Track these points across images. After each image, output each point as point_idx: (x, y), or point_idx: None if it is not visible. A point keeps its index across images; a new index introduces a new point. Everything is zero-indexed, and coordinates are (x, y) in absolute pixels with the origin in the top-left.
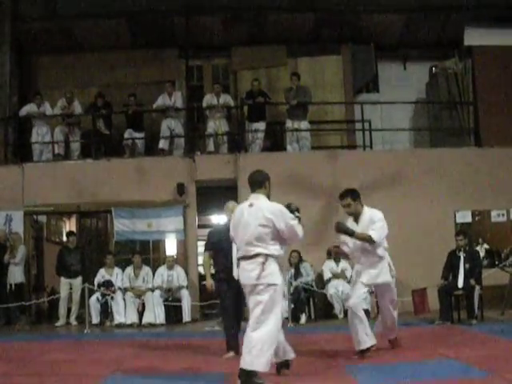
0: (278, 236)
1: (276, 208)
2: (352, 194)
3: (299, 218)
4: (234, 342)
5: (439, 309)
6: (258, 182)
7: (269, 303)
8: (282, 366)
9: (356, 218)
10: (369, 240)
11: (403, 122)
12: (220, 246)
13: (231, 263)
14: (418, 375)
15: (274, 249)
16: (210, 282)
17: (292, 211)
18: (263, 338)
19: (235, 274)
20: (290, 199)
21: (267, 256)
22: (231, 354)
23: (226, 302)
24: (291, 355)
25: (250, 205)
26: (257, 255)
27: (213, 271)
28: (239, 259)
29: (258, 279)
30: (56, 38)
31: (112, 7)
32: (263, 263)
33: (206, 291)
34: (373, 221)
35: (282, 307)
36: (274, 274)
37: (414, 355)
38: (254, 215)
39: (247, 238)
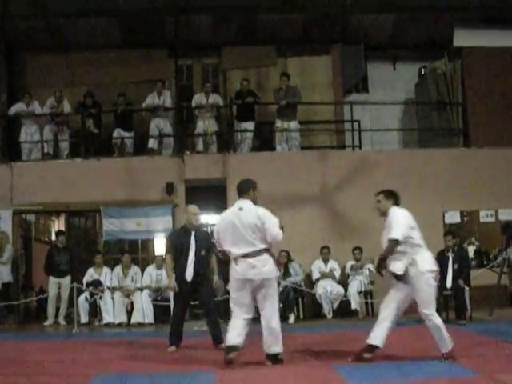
0: (264, 236)
1: (264, 211)
2: (386, 193)
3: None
4: (177, 338)
5: None
6: (245, 189)
7: (275, 294)
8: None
9: (384, 215)
10: (392, 244)
11: (392, 123)
12: (180, 249)
13: (187, 265)
14: (406, 375)
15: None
16: (173, 283)
17: None
18: (279, 325)
19: (188, 275)
20: (279, 199)
21: (270, 251)
22: (173, 348)
23: (180, 302)
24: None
25: (240, 209)
26: (262, 251)
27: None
28: (236, 258)
29: (269, 273)
30: (46, 36)
31: (102, 6)
32: (269, 258)
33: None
34: (390, 221)
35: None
36: (274, 268)
37: (402, 355)
38: (249, 217)
39: (246, 238)
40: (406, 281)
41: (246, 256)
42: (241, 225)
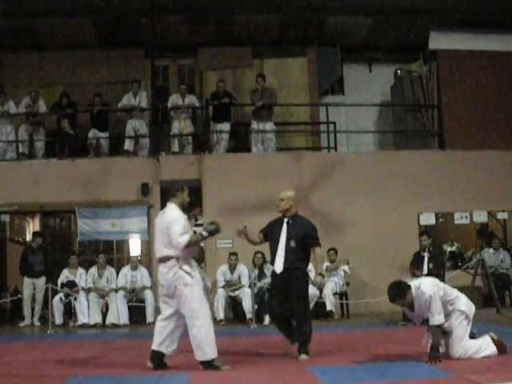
0: (171, 242)
1: (171, 215)
2: (398, 295)
3: (200, 225)
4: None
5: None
6: (173, 192)
7: (191, 302)
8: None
9: (411, 306)
10: (437, 330)
11: (368, 124)
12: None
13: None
14: (381, 376)
15: (179, 251)
16: None
17: (194, 218)
18: (200, 332)
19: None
20: (254, 200)
21: (178, 258)
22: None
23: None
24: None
25: (163, 212)
26: (168, 258)
27: None
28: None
29: (172, 282)
30: (21, 35)
31: (78, 6)
32: (174, 266)
33: None
34: (426, 304)
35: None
36: (185, 275)
37: (377, 356)
38: (162, 221)
39: (158, 243)
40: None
41: (159, 261)
42: (158, 229)
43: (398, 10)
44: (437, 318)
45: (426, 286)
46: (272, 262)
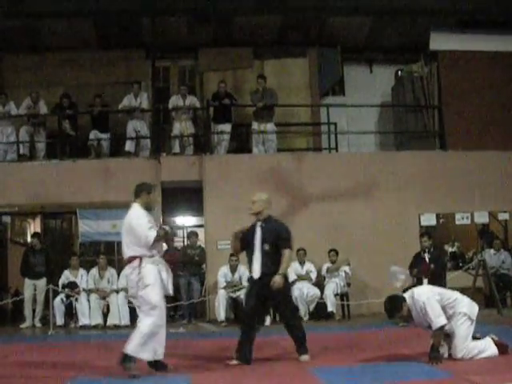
0: (135, 242)
1: (134, 214)
2: (394, 309)
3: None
4: None
5: None
6: (137, 192)
7: (143, 305)
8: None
9: (410, 317)
10: (439, 332)
11: (369, 125)
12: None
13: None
14: (383, 377)
15: (144, 250)
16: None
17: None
18: (146, 328)
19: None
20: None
21: (141, 258)
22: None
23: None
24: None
25: (128, 213)
26: (132, 258)
27: None
28: None
29: (135, 283)
30: (22, 37)
31: (79, 7)
32: (136, 268)
33: None
34: (422, 312)
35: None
36: (146, 275)
37: (379, 357)
38: (127, 221)
39: (124, 243)
40: None
41: (126, 262)
42: (123, 230)
43: (399, 11)
44: (437, 321)
45: (419, 293)
46: (250, 268)
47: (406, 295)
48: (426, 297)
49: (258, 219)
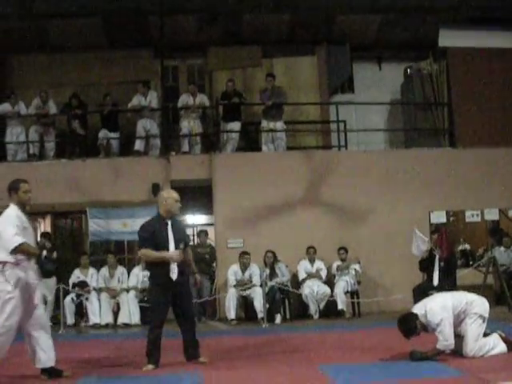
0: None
1: (4, 216)
2: (410, 329)
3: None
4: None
5: None
6: (7, 192)
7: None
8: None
9: (426, 330)
10: (441, 351)
11: (378, 123)
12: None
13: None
14: (392, 375)
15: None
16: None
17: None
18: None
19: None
20: (265, 199)
21: (5, 264)
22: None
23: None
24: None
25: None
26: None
27: None
28: None
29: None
30: (31, 37)
31: (87, 7)
32: (3, 273)
33: None
34: (433, 326)
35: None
36: (6, 285)
37: (388, 355)
38: None
39: None
40: None
41: None
42: None
43: (408, 8)
44: (445, 344)
45: (432, 311)
46: (167, 270)
47: (418, 311)
48: (441, 318)
49: (166, 217)
